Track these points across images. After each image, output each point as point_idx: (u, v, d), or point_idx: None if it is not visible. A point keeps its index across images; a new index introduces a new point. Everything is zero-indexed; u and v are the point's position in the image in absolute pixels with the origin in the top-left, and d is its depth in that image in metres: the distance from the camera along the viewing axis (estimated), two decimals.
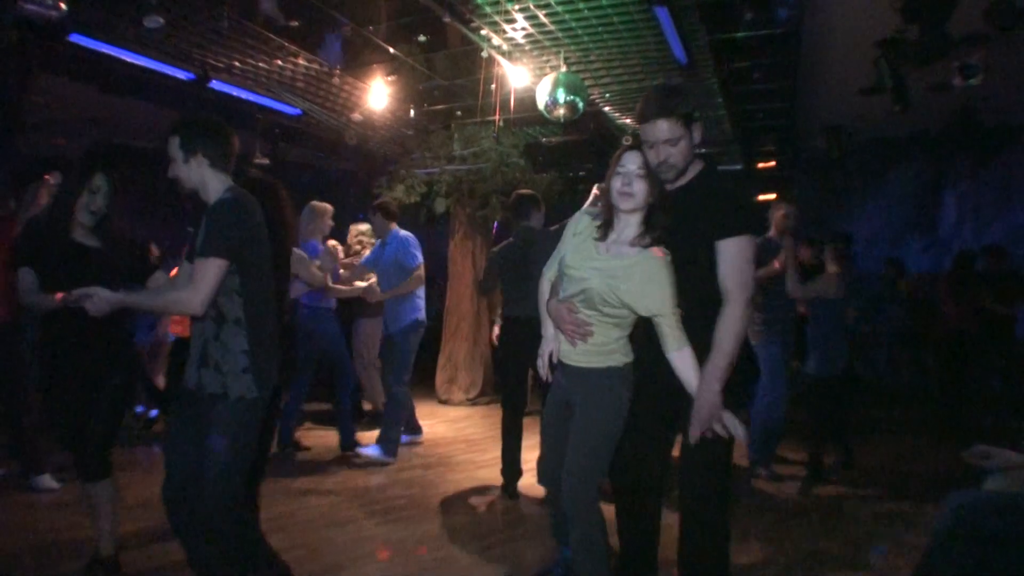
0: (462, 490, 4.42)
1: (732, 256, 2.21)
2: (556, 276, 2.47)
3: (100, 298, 2.28)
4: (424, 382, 7.47)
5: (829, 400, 4.74)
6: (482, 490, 4.43)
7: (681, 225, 2.25)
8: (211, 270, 2.23)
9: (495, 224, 7.77)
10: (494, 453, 5.34)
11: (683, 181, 2.34)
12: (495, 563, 3.26)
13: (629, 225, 2.29)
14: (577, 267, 2.32)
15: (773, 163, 8.39)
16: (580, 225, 2.41)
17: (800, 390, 5.08)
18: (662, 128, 2.21)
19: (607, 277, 2.24)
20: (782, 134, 7.79)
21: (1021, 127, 7.96)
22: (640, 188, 2.23)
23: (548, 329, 2.48)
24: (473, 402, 7.50)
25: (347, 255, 5.82)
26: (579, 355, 2.34)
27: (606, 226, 2.31)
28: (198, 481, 2.31)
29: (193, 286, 2.24)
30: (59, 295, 2.57)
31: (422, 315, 5.12)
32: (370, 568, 3.18)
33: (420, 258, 5.07)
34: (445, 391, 7.58)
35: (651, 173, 2.24)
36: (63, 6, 4.04)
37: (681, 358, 2.20)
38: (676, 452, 2.43)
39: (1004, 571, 2.15)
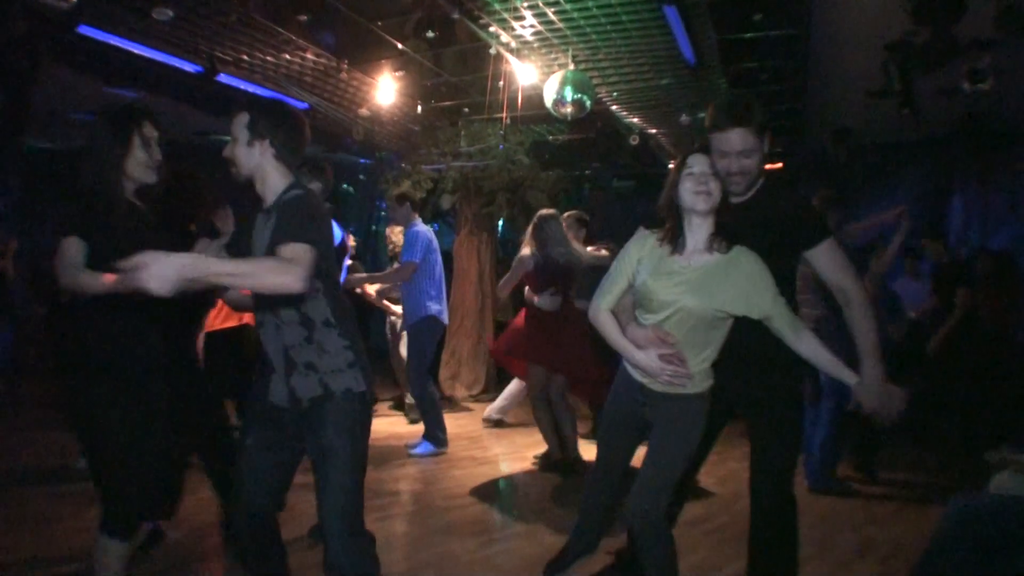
0: (464, 486, 4.42)
1: (832, 257, 2.27)
2: (615, 303, 2.32)
3: (166, 264, 1.61)
4: None
5: None
6: (484, 486, 4.43)
7: (753, 238, 2.20)
8: (307, 254, 1.89)
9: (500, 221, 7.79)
10: (496, 449, 5.37)
11: (750, 194, 2.32)
12: (497, 559, 3.27)
13: (701, 229, 2.19)
14: (661, 289, 2.19)
15: (780, 165, 8.39)
16: (645, 248, 2.27)
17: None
18: (736, 138, 2.18)
19: (699, 290, 2.14)
20: (789, 136, 7.77)
21: None
22: (715, 187, 2.15)
23: (635, 356, 2.25)
24: (476, 398, 7.50)
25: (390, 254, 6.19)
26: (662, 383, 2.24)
27: (675, 238, 2.22)
28: (273, 502, 2.19)
29: (290, 261, 1.86)
30: (109, 276, 1.89)
31: (434, 311, 5.05)
32: None
33: (417, 255, 4.96)
34: (448, 387, 7.57)
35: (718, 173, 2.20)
36: None
37: (803, 343, 2.15)
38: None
39: (1004, 574, 2.16)
